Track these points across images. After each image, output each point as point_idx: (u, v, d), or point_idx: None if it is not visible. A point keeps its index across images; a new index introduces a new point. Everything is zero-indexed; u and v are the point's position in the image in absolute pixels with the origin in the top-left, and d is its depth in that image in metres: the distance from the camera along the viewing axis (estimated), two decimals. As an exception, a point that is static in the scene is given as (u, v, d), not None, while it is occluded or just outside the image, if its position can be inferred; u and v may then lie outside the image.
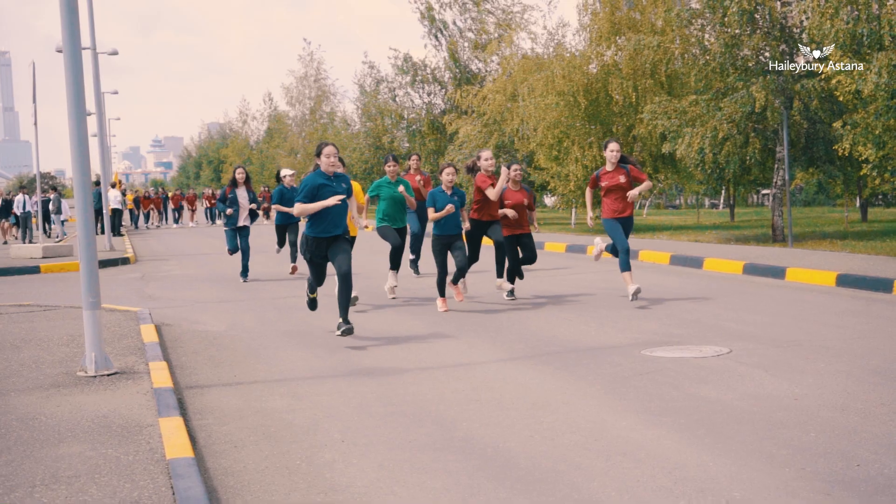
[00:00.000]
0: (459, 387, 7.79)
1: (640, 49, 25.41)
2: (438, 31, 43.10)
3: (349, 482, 5.37)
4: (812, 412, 6.58)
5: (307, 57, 65.31)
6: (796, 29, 21.44)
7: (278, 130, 71.35)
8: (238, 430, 6.60)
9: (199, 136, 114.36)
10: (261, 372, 8.69)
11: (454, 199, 12.36)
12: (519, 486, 5.21)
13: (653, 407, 6.91)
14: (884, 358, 8.36)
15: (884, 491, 4.91)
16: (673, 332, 10.20)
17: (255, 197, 17.27)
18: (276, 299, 14.06)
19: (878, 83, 14.77)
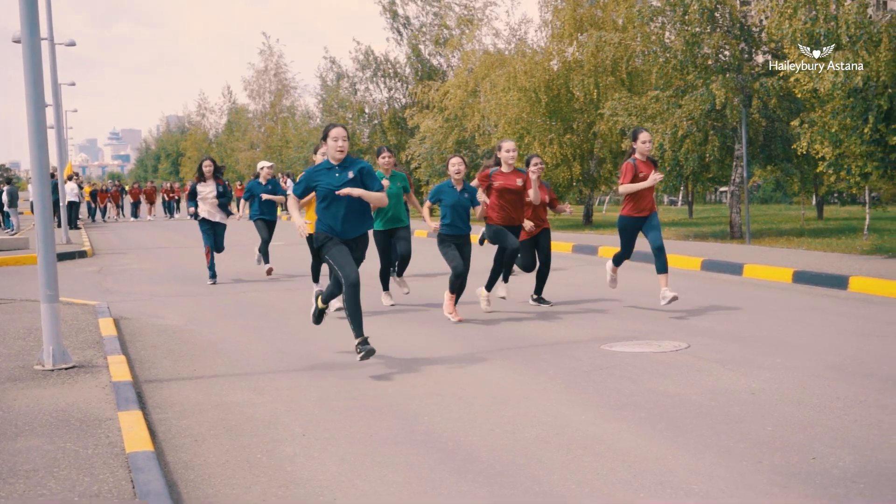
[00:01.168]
0: (420, 381, 7.81)
1: (601, 46, 25.54)
2: (401, 25, 43.04)
3: (310, 476, 5.37)
4: (769, 406, 6.66)
5: (267, 51, 65.02)
6: (755, 28, 21.64)
7: (238, 124, 70.95)
8: (198, 423, 6.58)
9: (157, 128, 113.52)
10: (221, 366, 8.66)
11: (465, 197, 11.02)
12: (480, 480, 5.24)
13: (612, 401, 6.97)
14: (839, 353, 8.47)
15: (838, 483, 4.99)
16: (632, 327, 10.27)
17: (226, 190, 15.68)
18: (237, 293, 14.00)
19: (834, 82, 14.94)
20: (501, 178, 11.27)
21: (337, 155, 8.45)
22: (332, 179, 8.46)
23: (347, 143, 8.46)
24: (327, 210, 8.48)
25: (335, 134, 8.43)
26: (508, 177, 11.29)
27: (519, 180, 11.29)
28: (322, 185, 8.49)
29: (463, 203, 11.01)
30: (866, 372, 7.67)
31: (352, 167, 8.51)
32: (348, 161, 8.54)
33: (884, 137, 15.40)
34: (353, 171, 8.50)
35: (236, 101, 76.25)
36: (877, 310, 11.14)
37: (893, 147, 15.42)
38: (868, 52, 14.65)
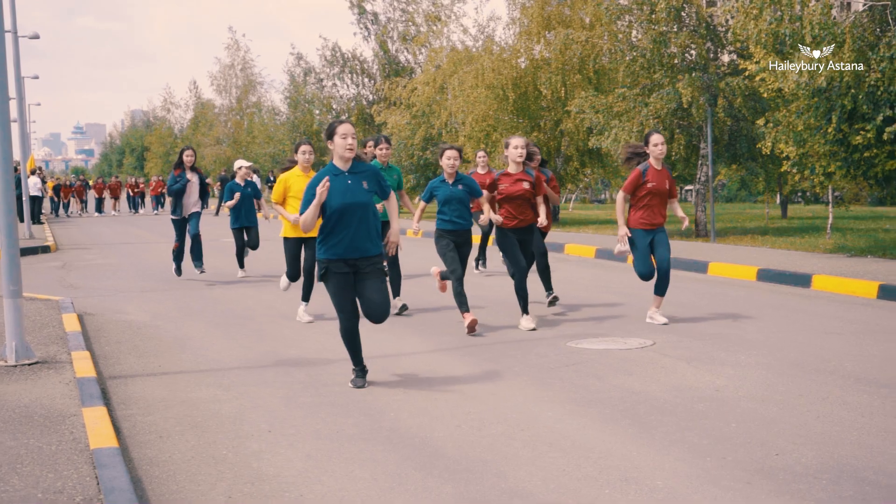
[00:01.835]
0: (387, 377, 7.81)
1: (568, 44, 25.60)
2: (368, 21, 42.95)
3: (277, 472, 5.35)
4: (733, 403, 6.72)
5: (233, 45, 64.70)
6: (721, 28, 21.78)
7: (204, 119, 70.54)
8: (163, 420, 6.54)
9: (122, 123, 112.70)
10: (186, 362, 8.62)
11: (459, 189, 10.18)
12: (446, 475, 5.25)
13: (578, 397, 7.00)
14: (802, 351, 8.56)
15: (801, 479, 5.04)
16: (598, 324, 10.32)
17: (204, 180, 15.30)
18: (202, 289, 13.93)
19: (798, 82, 15.08)
20: (507, 183, 10.24)
21: (346, 154, 7.27)
22: (340, 187, 7.25)
23: (356, 141, 7.34)
24: (335, 227, 7.26)
25: (343, 131, 7.29)
26: (514, 180, 10.23)
27: (526, 183, 10.24)
28: (330, 197, 7.23)
29: (457, 196, 10.16)
30: (829, 369, 7.75)
31: (363, 174, 7.37)
32: (357, 165, 7.40)
33: (847, 137, 15.55)
34: (368, 180, 7.36)
35: (202, 95, 75.86)
36: (839, 308, 11.25)
37: (856, 147, 15.57)
38: (832, 52, 14.79)
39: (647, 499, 4.81)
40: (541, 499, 4.86)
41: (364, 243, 7.27)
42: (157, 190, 50.60)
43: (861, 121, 15.35)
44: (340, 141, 7.27)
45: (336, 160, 7.34)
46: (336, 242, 7.24)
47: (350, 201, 7.21)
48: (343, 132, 7.28)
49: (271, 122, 53.31)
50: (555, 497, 4.87)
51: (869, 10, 15.76)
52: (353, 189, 7.24)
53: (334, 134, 7.30)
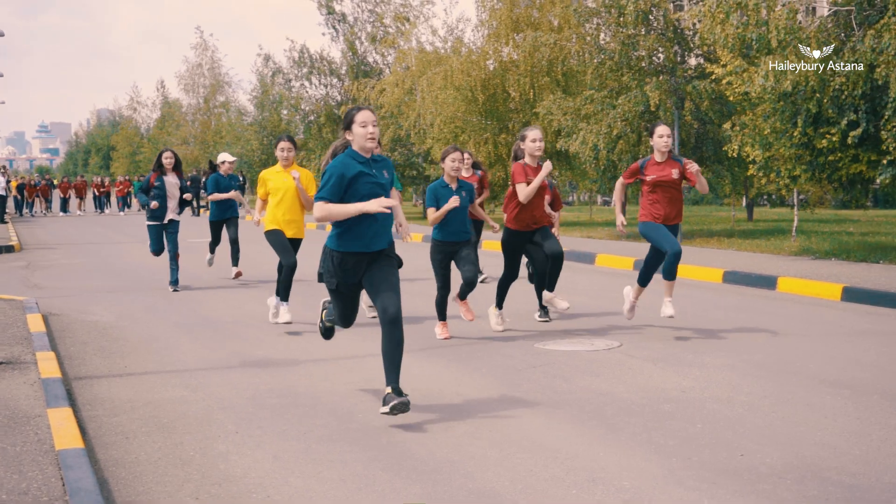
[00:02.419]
0: (354, 378, 7.80)
1: (537, 46, 25.68)
2: (336, 21, 42.86)
3: (244, 473, 5.34)
4: (698, 404, 6.77)
5: (201, 45, 64.37)
6: (688, 32, 21.93)
7: (171, 118, 70.14)
8: (129, 421, 6.51)
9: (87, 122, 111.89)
10: (152, 363, 8.57)
11: (462, 195, 9.62)
12: (414, 476, 5.25)
13: (545, 399, 7.03)
14: (767, 352, 8.64)
15: (766, 480, 5.09)
16: (565, 326, 10.36)
17: (187, 185, 14.22)
18: (169, 290, 13.84)
19: (764, 86, 15.21)
20: (531, 175, 9.78)
21: (368, 144, 6.64)
22: (369, 178, 6.69)
23: (378, 129, 6.74)
24: (360, 218, 6.64)
25: (363, 118, 6.64)
26: (522, 173, 9.79)
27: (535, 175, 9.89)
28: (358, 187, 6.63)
29: (463, 204, 9.62)
30: (793, 370, 7.83)
31: (382, 164, 6.83)
32: (374, 155, 6.81)
33: (812, 141, 15.70)
34: (388, 170, 6.87)
35: (169, 95, 75.43)
36: (804, 310, 11.36)
37: (821, 151, 15.73)
38: (797, 56, 14.93)
39: (613, 499, 4.84)
40: (508, 499, 4.88)
41: (382, 236, 6.76)
42: (123, 190, 50.27)
43: (826, 125, 15.50)
44: (361, 130, 6.64)
45: (356, 148, 6.70)
46: (358, 234, 6.66)
47: (379, 192, 6.68)
48: (363, 119, 6.64)
49: (239, 122, 53.09)
50: (522, 497, 4.89)
51: (834, 14, 15.92)
52: (378, 179, 6.71)
53: (353, 122, 6.66)
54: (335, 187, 6.62)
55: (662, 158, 9.66)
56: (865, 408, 6.61)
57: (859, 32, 15.02)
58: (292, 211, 10.56)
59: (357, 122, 6.64)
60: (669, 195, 9.67)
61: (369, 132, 6.63)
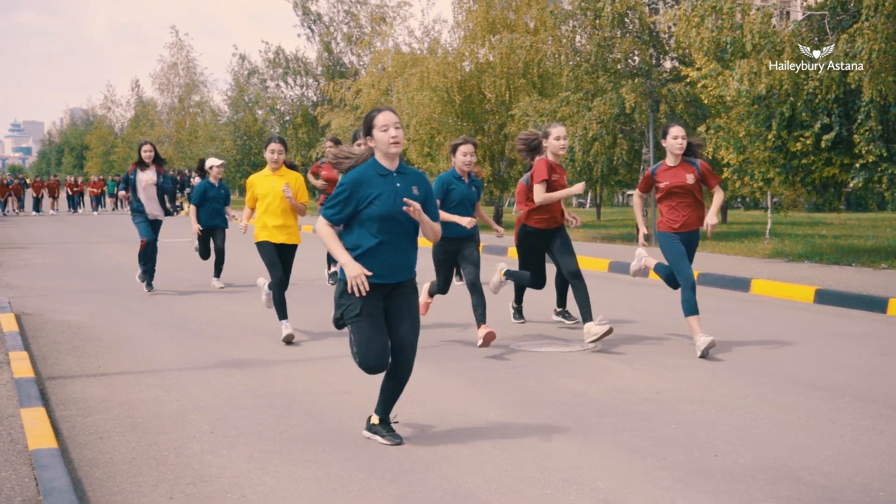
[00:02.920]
0: (329, 379, 7.80)
1: (513, 48, 25.73)
2: (312, 22, 42.81)
3: (219, 473, 5.33)
4: (672, 405, 6.80)
5: (177, 44, 64.13)
6: (663, 35, 22.03)
7: (145, 117, 69.84)
8: (103, 421, 6.48)
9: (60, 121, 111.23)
10: (127, 363, 8.53)
11: (472, 190, 9.15)
12: (389, 476, 5.26)
13: (520, 399, 7.04)
14: (739, 354, 8.69)
15: (739, 480, 5.12)
16: (540, 327, 10.39)
17: (166, 179, 13.48)
18: (143, 290, 13.76)
19: (739, 89, 15.31)
20: (557, 172, 9.51)
21: (392, 150, 5.70)
22: (388, 191, 5.70)
23: (402, 132, 5.79)
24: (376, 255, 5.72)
25: (384, 121, 5.70)
26: (560, 172, 9.56)
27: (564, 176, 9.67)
28: (376, 202, 5.67)
29: (472, 199, 9.14)
30: (766, 372, 7.89)
31: (412, 178, 5.84)
32: (404, 166, 5.88)
33: (785, 144, 15.82)
34: (418, 186, 5.84)
35: (144, 94, 75.12)
36: (777, 312, 11.44)
37: (795, 153, 15.85)
38: (771, 60, 15.03)
39: (588, 499, 4.86)
40: (483, 499, 4.89)
41: (406, 264, 5.83)
42: (97, 190, 49.98)
43: (800, 128, 15.62)
44: (382, 135, 5.70)
45: (380, 157, 5.77)
46: (373, 265, 5.70)
47: (400, 210, 5.67)
48: (384, 122, 5.70)
49: (213, 122, 52.95)
50: (496, 497, 4.90)
51: (807, 19, 16.04)
52: (403, 194, 5.69)
53: (373, 127, 5.73)
54: (345, 205, 5.71)
55: (675, 162, 8.95)
56: (838, 409, 6.66)
57: (833, 37, 15.14)
58: (283, 216, 9.66)
59: (377, 125, 5.70)
60: (687, 201, 8.91)
61: (392, 136, 5.67)
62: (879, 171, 14.98)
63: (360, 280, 5.51)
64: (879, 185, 15.25)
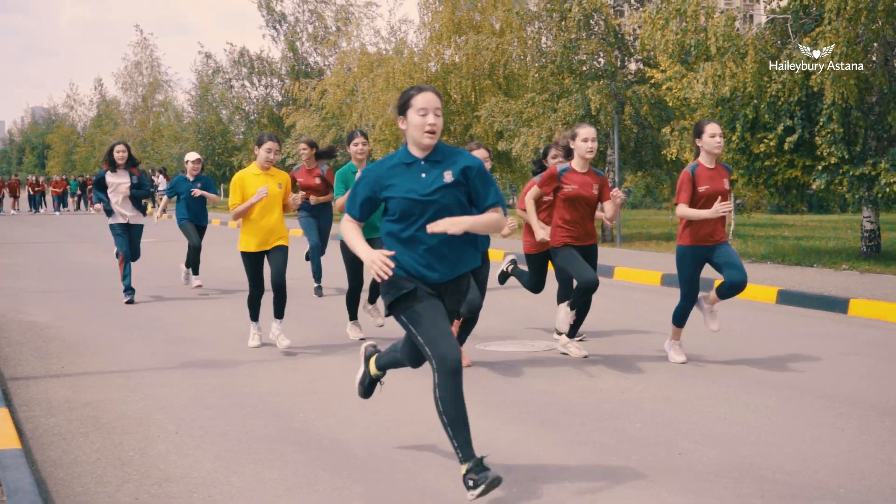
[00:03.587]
0: (296, 379, 7.79)
1: (479, 49, 25.79)
2: (277, 22, 42.67)
3: (184, 473, 5.31)
4: (638, 404, 6.85)
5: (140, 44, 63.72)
6: (629, 37, 22.17)
7: (108, 116, 69.33)
8: (67, 421, 6.43)
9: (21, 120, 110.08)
10: (91, 363, 8.47)
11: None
12: (356, 475, 5.26)
13: (487, 399, 7.06)
14: (703, 354, 8.76)
15: (703, 478, 5.17)
16: (506, 327, 10.42)
17: (142, 181, 12.45)
18: (107, 290, 13.66)
19: (703, 92, 15.44)
20: (575, 181, 8.32)
21: (426, 141, 4.84)
22: (416, 184, 4.91)
23: (442, 119, 4.92)
24: (408, 236, 4.97)
25: (424, 102, 4.84)
26: (584, 179, 8.33)
27: (596, 185, 8.36)
28: (399, 195, 4.92)
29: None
30: (730, 371, 7.96)
31: (449, 162, 4.95)
32: (441, 151, 4.98)
33: (749, 146, 15.96)
34: (453, 169, 4.93)
35: (107, 93, 74.58)
36: (740, 312, 11.53)
37: (758, 155, 15.99)
38: (735, 63, 15.16)
39: (553, 497, 4.89)
40: (450, 497, 4.90)
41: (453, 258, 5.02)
42: (59, 190, 49.53)
43: (763, 130, 15.77)
44: (417, 119, 4.84)
45: (410, 145, 4.97)
46: (413, 252, 4.99)
47: (427, 197, 4.90)
48: (423, 104, 4.83)
49: (177, 122, 52.67)
50: (463, 496, 4.91)
51: (770, 22, 16.19)
52: (427, 182, 4.90)
53: (409, 107, 4.88)
54: (362, 199, 5.03)
55: (714, 164, 8.08)
56: (800, 408, 6.74)
57: (795, 40, 15.29)
58: (272, 216, 8.92)
59: (415, 106, 4.84)
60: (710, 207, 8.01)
61: (429, 123, 4.83)
62: (841, 173, 15.15)
63: (380, 261, 4.74)
64: (840, 186, 15.42)
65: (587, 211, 8.39)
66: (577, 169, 8.34)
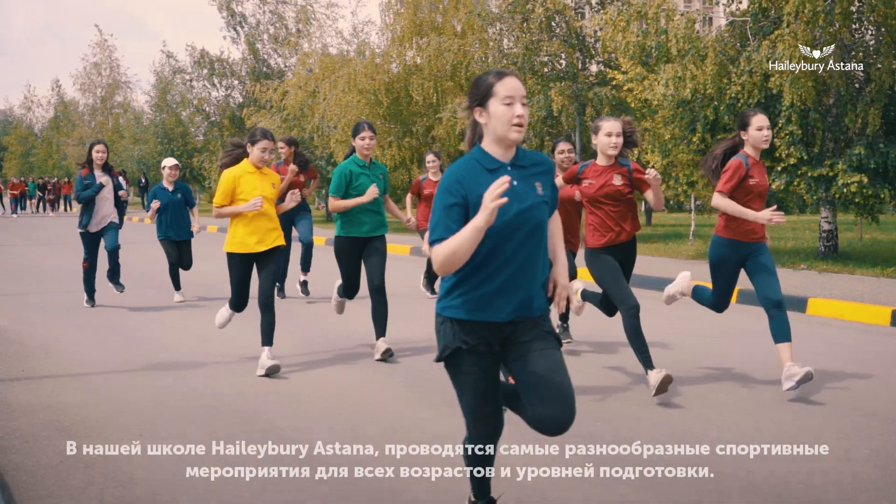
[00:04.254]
0: (258, 380, 7.77)
1: (440, 51, 25.85)
2: (237, 23, 42.49)
3: (148, 475, 5.30)
4: (599, 403, 6.91)
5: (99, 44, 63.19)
6: (590, 39, 22.31)
7: (66, 118, 68.69)
8: (29, 425, 6.39)
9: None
10: (52, 366, 8.41)
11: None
12: (321, 475, 5.27)
13: (450, 399, 7.06)
14: (663, 352, 8.86)
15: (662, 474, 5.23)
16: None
17: (121, 184, 12.09)
18: (66, 292, 13.56)
19: (664, 94, 15.57)
20: (592, 177, 7.55)
21: (513, 136, 3.97)
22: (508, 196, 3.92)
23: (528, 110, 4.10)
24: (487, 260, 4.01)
25: (510, 89, 3.97)
26: (606, 174, 7.49)
27: (619, 177, 7.49)
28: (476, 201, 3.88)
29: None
30: (688, 370, 8.05)
31: (533, 169, 4.10)
32: (522, 153, 4.11)
33: (709, 147, 16.12)
34: (542, 180, 4.11)
35: (65, 94, 73.83)
36: (700, 312, 11.60)
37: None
38: (696, 65, 15.31)
39: (518, 493, 4.93)
40: (418, 497, 4.93)
41: (530, 292, 4.12)
42: (16, 192, 49.02)
43: (723, 131, 15.93)
44: (503, 110, 3.97)
45: (489, 143, 4.05)
46: (481, 292, 4.06)
47: (522, 213, 4.01)
48: (509, 92, 3.96)
49: (137, 123, 52.30)
50: (428, 496, 4.95)
51: (730, 24, 16.37)
52: (522, 194, 4.02)
53: (490, 96, 3.99)
54: (451, 213, 3.94)
55: (758, 158, 7.41)
56: (760, 405, 6.83)
57: (754, 42, 15.47)
58: (267, 218, 8.24)
59: (499, 94, 3.97)
60: (761, 204, 7.38)
61: (517, 114, 3.96)
62: (799, 174, 15.33)
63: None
64: (799, 187, 15.60)
65: (616, 207, 7.51)
66: (599, 163, 7.55)
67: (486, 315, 4.06)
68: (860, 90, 15.51)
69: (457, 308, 4.09)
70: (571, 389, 4.19)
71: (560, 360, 4.15)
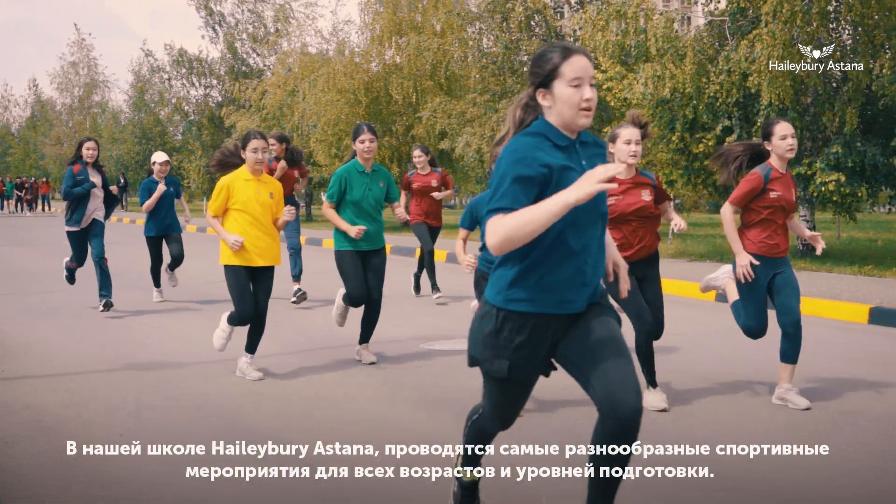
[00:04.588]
0: (240, 380, 7.77)
1: (420, 50, 25.89)
2: (216, 23, 42.41)
3: (130, 475, 5.30)
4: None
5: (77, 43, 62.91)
6: (569, 38, 22.36)
7: (43, 117, 68.34)
8: (9, 425, 6.37)
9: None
10: (32, 367, 8.38)
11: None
12: (305, 475, 5.27)
13: (430, 397, 7.12)
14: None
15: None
16: (448, 325, 10.48)
17: (107, 181, 11.82)
18: (45, 293, 13.51)
19: (643, 93, 15.64)
20: (625, 193, 6.94)
21: (581, 121, 3.70)
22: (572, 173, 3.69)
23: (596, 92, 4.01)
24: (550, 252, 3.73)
25: (578, 69, 3.66)
26: (633, 191, 6.98)
27: (646, 192, 7.04)
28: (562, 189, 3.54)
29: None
30: (671, 368, 8.09)
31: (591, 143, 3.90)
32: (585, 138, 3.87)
33: (688, 146, 16.20)
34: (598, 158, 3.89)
35: (42, 94, 73.45)
36: (681, 310, 11.71)
37: (697, 155, 16.24)
38: (675, 64, 15.38)
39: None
40: (398, 496, 4.95)
41: (598, 280, 3.93)
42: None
43: (702, 130, 16.01)
44: (570, 92, 3.67)
45: (556, 122, 3.78)
46: (548, 282, 3.76)
47: (590, 210, 3.73)
48: (576, 73, 3.66)
49: (115, 123, 52.10)
50: (409, 493, 4.97)
51: (708, 24, 16.45)
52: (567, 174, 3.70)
53: (556, 76, 3.69)
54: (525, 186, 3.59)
55: (784, 170, 7.00)
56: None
57: (733, 42, 15.55)
58: (270, 231, 7.92)
59: (565, 75, 3.66)
60: (783, 221, 7.06)
61: (586, 97, 3.67)
62: (777, 172, 15.42)
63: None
64: (777, 186, 15.69)
65: (643, 224, 7.02)
66: (619, 176, 6.81)
67: (559, 307, 3.79)
68: (837, 89, 15.63)
69: (522, 301, 3.76)
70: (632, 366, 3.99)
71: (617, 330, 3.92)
